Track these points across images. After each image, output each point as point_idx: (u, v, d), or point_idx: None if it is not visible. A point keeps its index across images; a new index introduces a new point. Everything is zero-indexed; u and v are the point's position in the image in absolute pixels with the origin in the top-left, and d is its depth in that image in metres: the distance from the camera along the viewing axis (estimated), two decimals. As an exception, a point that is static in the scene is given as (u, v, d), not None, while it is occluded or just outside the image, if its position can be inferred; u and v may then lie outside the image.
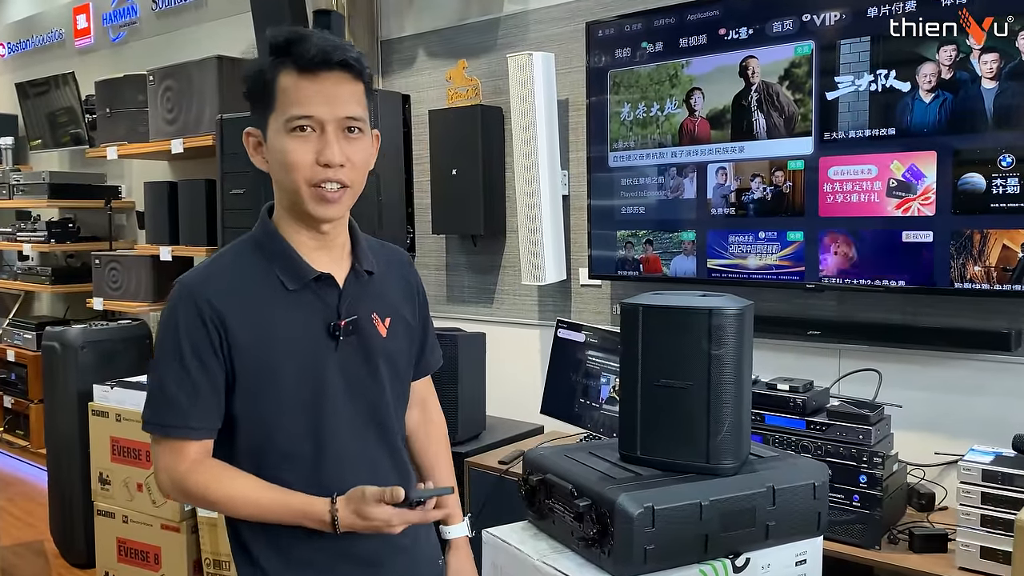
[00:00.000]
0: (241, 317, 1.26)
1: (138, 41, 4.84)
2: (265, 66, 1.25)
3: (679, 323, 1.54)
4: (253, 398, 1.28)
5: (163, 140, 3.89)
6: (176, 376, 1.25)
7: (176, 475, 1.27)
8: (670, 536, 1.44)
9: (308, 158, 1.24)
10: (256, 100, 1.28)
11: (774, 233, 2.49)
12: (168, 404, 1.26)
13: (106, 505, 3.15)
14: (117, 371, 3.36)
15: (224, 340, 1.25)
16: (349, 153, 1.26)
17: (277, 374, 1.27)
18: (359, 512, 1.22)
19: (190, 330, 1.25)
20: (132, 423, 3.01)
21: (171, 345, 1.25)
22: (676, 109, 2.66)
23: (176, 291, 1.28)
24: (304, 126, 1.23)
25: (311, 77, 1.23)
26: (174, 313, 1.26)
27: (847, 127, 2.32)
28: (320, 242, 1.33)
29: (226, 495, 1.26)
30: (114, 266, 4.23)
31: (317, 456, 1.31)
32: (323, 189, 1.25)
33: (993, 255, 2.12)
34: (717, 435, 1.53)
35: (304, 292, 1.30)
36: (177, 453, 1.27)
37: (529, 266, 2.99)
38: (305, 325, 1.30)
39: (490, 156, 3.19)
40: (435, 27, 3.49)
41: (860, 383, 2.30)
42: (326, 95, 1.23)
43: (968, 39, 2.11)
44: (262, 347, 1.27)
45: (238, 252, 1.33)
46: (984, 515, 1.85)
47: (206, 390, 1.25)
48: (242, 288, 1.28)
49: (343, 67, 1.24)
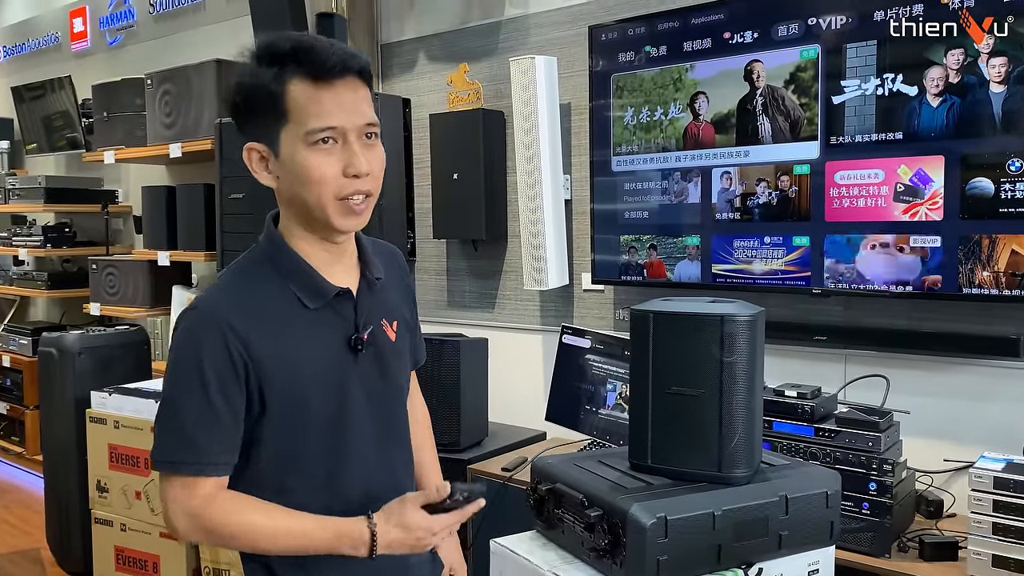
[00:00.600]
0: (264, 341, 1.20)
1: (135, 45, 4.81)
2: (268, 77, 1.17)
3: (690, 330, 1.52)
4: (279, 421, 1.22)
5: (161, 144, 3.87)
6: (198, 409, 1.17)
7: (191, 511, 1.18)
8: (683, 547, 1.41)
9: (335, 170, 1.19)
10: (258, 113, 1.20)
11: (780, 238, 2.47)
12: (186, 441, 1.17)
13: (104, 513, 3.11)
14: (115, 377, 3.33)
15: (249, 367, 1.18)
16: (372, 161, 1.22)
17: (305, 396, 1.23)
18: (403, 523, 1.16)
19: (214, 358, 1.17)
20: (130, 430, 2.98)
21: (193, 375, 1.17)
22: (680, 113, 2.65)
23: (194, 316, 1.20)
24: (327, 138, 1.18)
25: (328, 86, 1.18)
26: (194, 339, 1.18)
27: (854, 131, 2.31)
28: (333, 254, 1.28)
29: (250, 528, 1.19)
30: (111, 271, 4.20)
31: (337, 468, 1.27)
32: (350, 202, 1.21)
33: (1002, 260, 2.10)
34: (729, 443, 1.51)
35: (323, 309, 1.26)
36: (191, 489, 1.18)
37: (531, 271, 2.97)
38: (327, 343, 1.26)
39: (492, 160, 3.17)
40: (436, 31, 3.47)
41: (866, 389, 2.28)
42: (345, 104, 1.19)
43: (975, 43, 2.10)
44: (288, 371, 1.21)
45: (249, 271, 1.27)
46: (996, 523, 1.83)
47: (228, 423, 1.18)
48: (261, 310, 1.22)
49: (359, 74, 1.21)
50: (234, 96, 1.22)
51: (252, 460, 1.24)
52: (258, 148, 1.23)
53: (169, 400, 1.20)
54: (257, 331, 1.19)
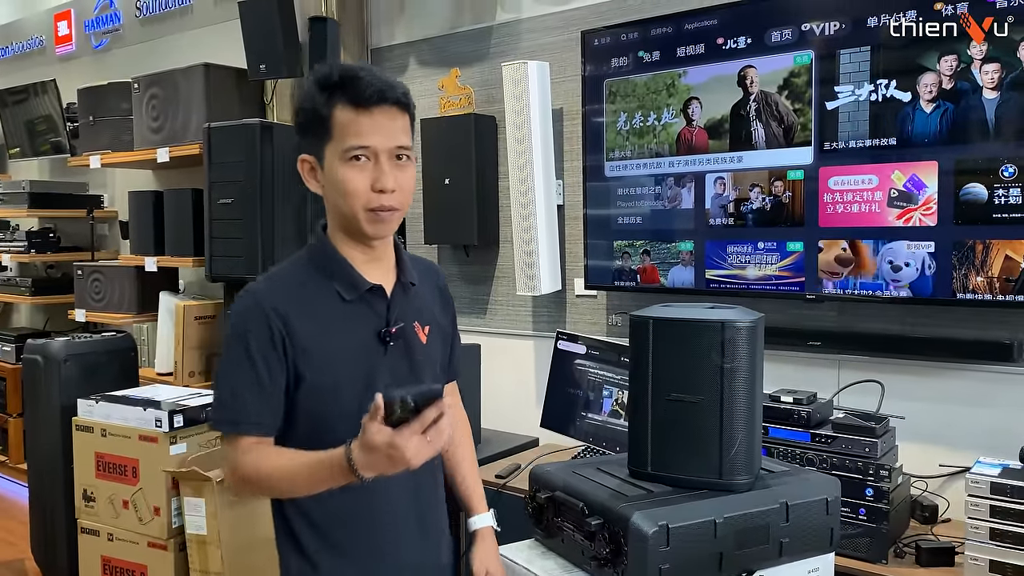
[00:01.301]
0: (302, 322, 1.37)
1: (121, 48, 4.77)
2: (320, 101, 1.36)
3: (690, 336, 1.52)
4: (313, 396, 1.38)
5: (148, 149, 3.83)
6: (246, 379, 1.35)
7: (234, 464, 1.36)
8: (685, 555, 1.41)
9: (364, 185, 1.36)
10: (311, 131, 1.39)
11: (773, 243, 2.47)
12: (238, 405, 1.36)
13: (90, 523, 3.07)
14: (101, 385, 3.28)
15: (288, 345, 1.36)
16: (399, 179, 1.38)
17: (335, 375, 1.39)
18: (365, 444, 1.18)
19: (259, 336, 1.35)
20: (118, 438, 2.94)
21: (241, 350, 1.35)
22: (673, 119, 2.64)
23: (244, 301, 1.39)
24: (360, 155, 1.35)
25: (367, 112, 1.35)
26: (243, 321, 1.37)
27: (847, 137, 2.31)
28: (370, 256, 1.45)
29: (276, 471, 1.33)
30: (97, 277, 4.15)
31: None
32: (377, 213, 1.38)
33: (996, 265, 2.11)
34: (730, 450, 1.50)
35: (358, 302, 1.42)
36: (237, 446, 1.36)
37: (524, 276, 2.96)
38: (359, 332, 1.42)
39: (483, 165, 3.16)
40: (427, 35, 3.46)
41: (860, 394, 2.28)
42: (380, 128, 1.35)
43: (969, 49, 2.11)
44: (322, 351, 1.38)
45: (297, 265, 1.46)
46: (993, 528, 1.83)
47: (270, 390, 1.36)
48: (303, 298, 1.40)
49: (396, 104, 1.37)
50: (296, 115, 1.42)
51: (291, 441, 1.38)
52: (309, 160, 1.42)
53: (222, 372, 1.39)
54: (296, 313, 1.37)
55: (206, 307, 3.78)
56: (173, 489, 2.84)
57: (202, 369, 3.75)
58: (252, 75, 3.58)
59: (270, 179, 3.33)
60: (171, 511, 2.85)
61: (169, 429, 2.81)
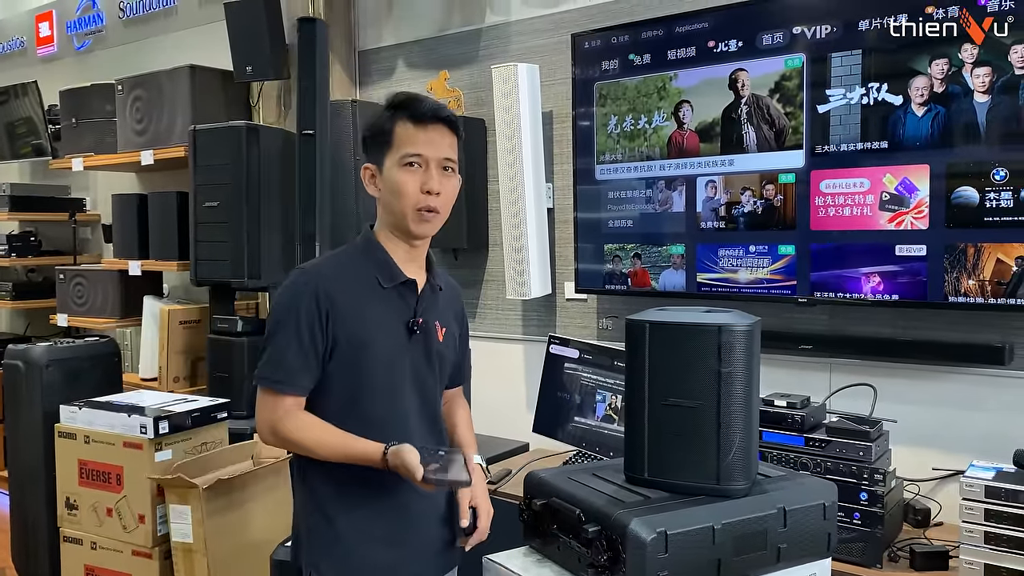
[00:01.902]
0: (344, 299, 1.61)
1: (104, 50, 4.72)
2: (385, 118, 1.63)
3: (687, 340, 1.50)
4: (348, 364, 1.62)
5: (132, 151, 3.78)
6: (292, 344, 1.59)
7: (273, 421, 1.61)
8: (683, 562, 1.39)
9: (415, 187, 1.60)
10: (375, 143, 1.64)
11: (765, 247, 2.47)
12: (282, 366, 1.59)
13: (73, 531, 3.01)
14: (84, 391, 3.22)
15: (330, 318, 1.59)
16: (444, 186, 1.63)
17: (367, 348, 1.62)
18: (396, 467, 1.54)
19: (308, 307, 1.59)
20: (101, 445, 2.89)
21: (290, 317, 1.59)
22: (664, 122, 2.64)
23: (296, 275, 1.64)
24: (414, 162, 1.60)
25: (422, 127, 1.61)
26: (296, 294, 1.61)
27: (839, 140, 2.31)
28: (409, 255, 1.68)
29: (311, 436, 1.60)
30: (79, 281, 4.09)
31: (385, 424, 1.62)
32: (423, 213, 1.61)
33: (987, 269, 2.11)
34: (727, 455, 1.48)
35: (392, 291, 1.66)
36: (278, 404, 1.60)
37: (514, 280, 2.94)
38: (390, 318, 1.65)
39: (472, 169, 3.14)
40: (415, 37, 3.44)
41: (851, 398, 2.28)
42: (432, 141, 1.61)
43: (960, 52, 2.11)
44: (358, 326, 1.61)
45: (347, 254, 1.71)
46: (988, 532, 1.82)
47: (312, 357, 1.60)
48: (347, 280, 1.64)
49: (445, 123, 1.63)
50: (364, 131, 1.68)
51: (328, 405, 1.62)
52: (371, 168, 1.66)
53: (271, 335, 1.62)
54: (340, 292, 1.61)
55: (191, 311, 3.74)
56: (158, 496, 2.79)
57: (187, 374, 3.70)
58: (238, 77, 3.55)
59: (256, 182, 3.29)
60: (156, 519, 2.80)
61: (154, 435, 2.76)
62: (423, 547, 1.72)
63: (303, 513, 1.70)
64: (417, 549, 1.70)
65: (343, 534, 1.65)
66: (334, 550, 1.65)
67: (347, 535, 1.65)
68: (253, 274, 3.29)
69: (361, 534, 1.65)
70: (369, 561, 1.66)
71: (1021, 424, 2.17)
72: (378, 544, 1.66)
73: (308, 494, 1.69)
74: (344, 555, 1.65)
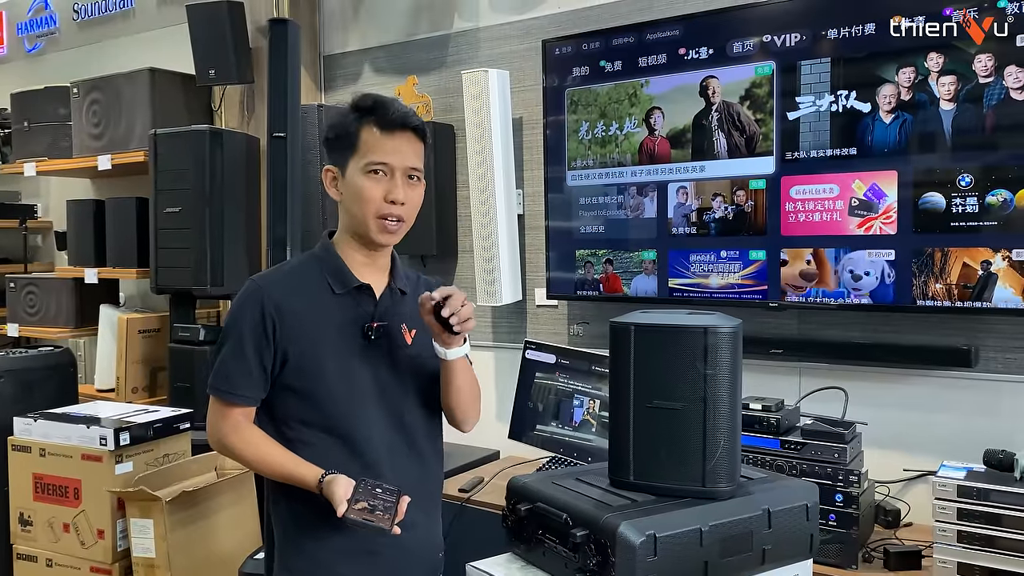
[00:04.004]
0: (294, 307, 1.58)
1: (57, 52, 4.59)
2: (350, 120, 1.59)
3: (672, 343, 1.49)
4: (302, 373, 1.58)
5: (89, 156, 3.68)
6: (236, 355, 1.57)
7: (220, 433, 1.60)
8: (672, 564, 1.38)
9: (378, 195, 1.56)
10: (338, 145, 1.60)
11: (736, 252, 2.49)
12: (225, 375, 1.58)
13: (27, 548, 2.90)
14: (38, 402, 3.11)
15: (277, 328, 1.56)
16: (409, 195, 1.59)
17: (319, 356, 1.57)
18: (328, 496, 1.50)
19: (252, 318, 1.57)
20: (58, 458, 2.79)
21: (236, 330, 1.58)
22: (636, 128, 2.65)
23: (247, 287, 1.60)
24: (378, 170, 1.56)
25: (389, 135, 1.57)
26: (243, 305, 1.59)
27: (808, 147, 2.35)
28: (368, 261, 1.64)
29: (257, 454, 1.58)
30: (31, 290, 3.96)
31: (348, 431, 1.58)
32: (386, 222, 1.57)
33: (954, 273, 2.15)
34: (712, 457, 1.48)
35: (347, 297, 1.61)
36: (224, 414, 1.59)
37: (484, 286, 2.92)
38: (344, 324, 1.60)
39: (441, 175, 3.12)
40: (381, 43, 3.41)
41: (820, 402, 2.30)
42: (398, 149, 1.57)
43: (926, 61, 2.16)
44: (308, 335, 1.57)
45: (300, 262, 1.68)
46: (960, 531, 1.85)
47: (255, 368, 1.57)
48: (299, 289, 1.61)
49: (414, 131, 1.59)
50: (327, 131, 1.64)
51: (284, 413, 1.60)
52: (333, 170, 1.62)
53: (220, 344, 1.61)
54: (289, 301, 1.58)
55: (150, 320, 3.64)
56: (119, 510, 2.70)
57: (146, 384, 3.61)
58: (201, 80, 3.48)
59: (220, 187, 3.23)
60: (116, 534, 2.71)
61: (115, 447, 2.68)
62: (401, 561, 1.65)
63: (275, 522, 1.66)
64: (393, 563, 1.64)
65: (314, 546, 1.60)
66: (305, 559, 1.61)
67: (318, 547, 1.60)
68: (216, 281, 3.22)
69: (333, 546, 1.59)
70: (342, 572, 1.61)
71: (987, 425, 2.21)
72: (349, 559, 1.60)
73: (280, 503, 1.64)
74: (315, 565, 1.60)
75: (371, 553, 1.60)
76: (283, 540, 1.64)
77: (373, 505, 1.49)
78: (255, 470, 1.63)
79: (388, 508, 1.49)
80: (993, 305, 2.11)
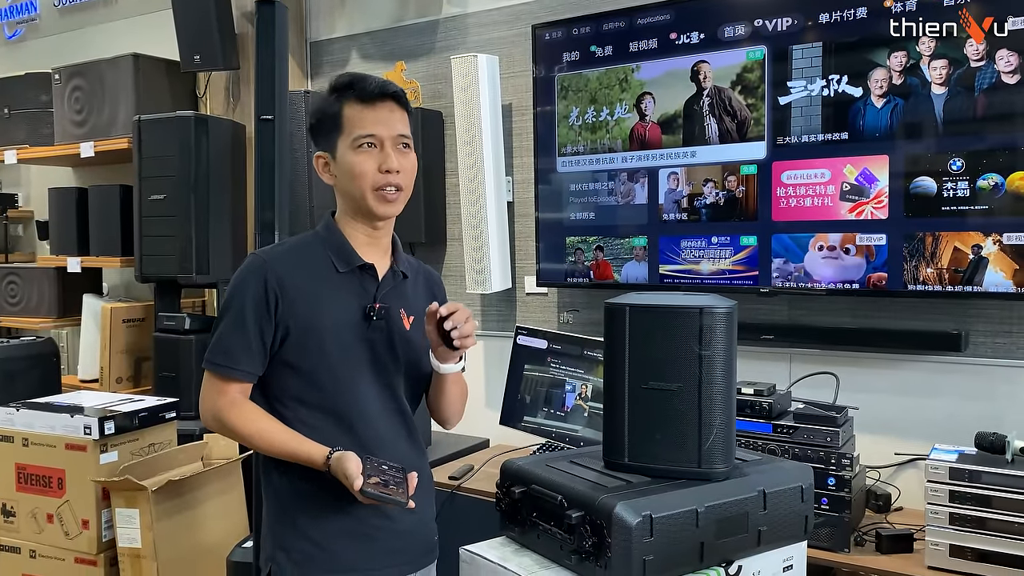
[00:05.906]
0: (296, 286, 1.56)
1: (37, 39, 4.52)
2: (330, 101, 1.58)
3: (667, 324, 1.48)
4: (302, 350, 1.56)
5: (71, 143, 3.62)
6: (237, 328, 1.54)
7: (216, 408, 1.56)
8: (668, 545, 1.37)
9: (372, 167, 1.55)
10: (324, 129, 1.59)
11: (727, 238, 2.48)
12: (224, 350, 1.55)
13: (9, 539, 2.86)
14: (21, 392, 3.08)
15: (279, 303, 1.55)
16: (403, 163, 1.58)
17: (320, 333, 1.56)
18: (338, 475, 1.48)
19: (255, 292, 1.55)
20: (42, 448, 2.75)
21: (237, 304, 1.55)
22: (627, 114, 2.63)
23: (250, 261, 1.59)
24: (368, 143, 1.55)
25: (371, 107, 1.56)
26: (245, 278, 1.57)
27: (800, 132, 2.34)
28: (371, 240, 1.62)
29: (256, 430, 1.55)
30: (13, 279, 3.91)
31: (346, 411, 1.57)
32: (384, 192, 1.56)
33: (945, 257, 2.16)
34: (708, 438, 1.47)
35: (350, 276, 1.60)
36: (221, 390, 1.56)
37: (474, 274, 2.90)
38: (346, 301, 1.59)
39: (430, 161, 3.09)
40: (369, 28, 3.38)
41: (810, 387, 2.30)
42: (383, 119, 1.56)
43: (918, 46, 2.16)
44: (310, 311, 1.56)
45: (304, 239, 1.66)
46: (952, 513, 1.86)
47: (256, 342, 1.54)
48: (302, 265, 1.59)
49: (394, 98, 1.58)
50: (311, 117, 1.63)
51: (283, 390, 1.57)
52: (323, 156, 1.61)
53: (219, 318, 1.58)
54: (292, 276, 1.57)
55: (135, 309, 3.60)
56: (104, 500, 2.66)
57: (131, 374, 3.56)
58: (185, 67, 3.43)
59: (205, 174, 3.19)
60: (101, 524, 2.67)
61: (99, 436, 2.64)
62: (397, 543, 1.63)
63: (267, 507, 1.64)
64: (389, 544, 1.62)
65: (308, 523, 1.58)
66: (298, 544, 1.58)
67: (312, 524, 1.58)
68: (202, 269, 3.18)
69: (326, 529, 1.58)
70: (336, 557, 1.59)
71: (977, 409, 2.22)
72: (345, 539, 1.58)
73: (272, 487, 1.62)
74: (307, 550, 1.58)
75: (367, 536, 1.59)
76: (277, 517, 1.61)
77: (385, 480, 1.48)
78: (254, 447, 1.60)
79: (399, 483, 1.49)
80: (984, 289, 2.12)
